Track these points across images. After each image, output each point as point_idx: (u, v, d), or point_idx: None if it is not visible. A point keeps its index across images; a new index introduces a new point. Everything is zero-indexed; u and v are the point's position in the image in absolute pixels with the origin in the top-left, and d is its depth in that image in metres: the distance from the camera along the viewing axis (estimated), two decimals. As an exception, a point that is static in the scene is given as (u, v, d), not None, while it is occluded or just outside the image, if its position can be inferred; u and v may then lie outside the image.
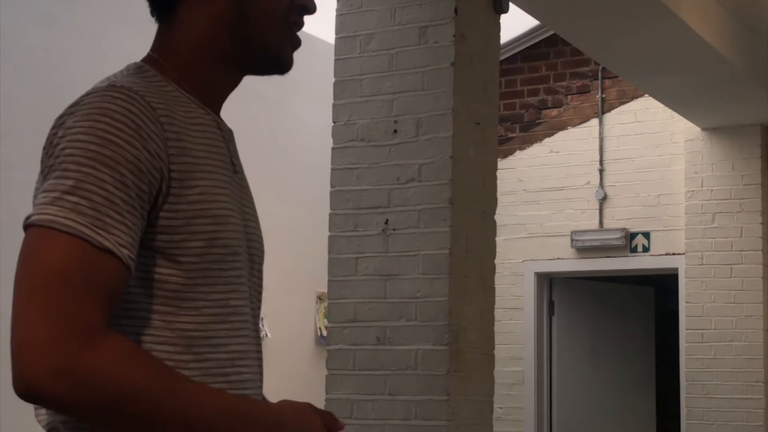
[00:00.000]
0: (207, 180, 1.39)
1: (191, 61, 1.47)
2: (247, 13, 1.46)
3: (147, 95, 1.35)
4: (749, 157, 6.80)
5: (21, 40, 5.05)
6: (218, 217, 1.39)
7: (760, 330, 6.66)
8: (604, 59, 6.02)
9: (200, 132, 1.42)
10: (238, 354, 1.42)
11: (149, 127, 1.33)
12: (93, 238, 1.25)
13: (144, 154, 1.31)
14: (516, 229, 7.32)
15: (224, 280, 1.40)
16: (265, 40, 1.48)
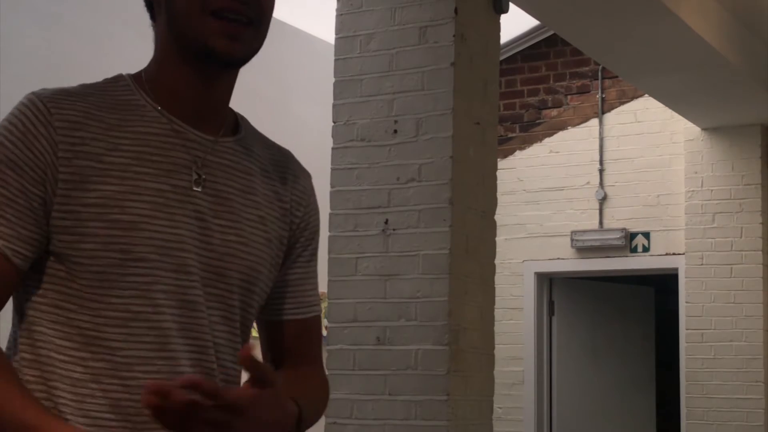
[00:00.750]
0: (116, 186, 1.43)
1: (155, 73, 1.54)
2: (172, 14, 1.50)
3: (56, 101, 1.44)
4: (749, 157, 6.80)
5: (21, 40, 5.05)
6: (119, 222, 1.42)
7: (760, 330, 6.66)
8: (604, 59, 6.02)
9: (134, 139, 1.46)
10: (136, 360, 1.43)
11: (38, 130, 1.42)
12: None
13: (26, 153, 1.40)
14: (516, 229, 7.32)
15: (124, 284, 1.43)
16: (189, 33, 1.49)
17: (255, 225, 1.55)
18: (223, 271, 1.51)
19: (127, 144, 1.45)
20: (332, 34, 4.15)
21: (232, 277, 1.51)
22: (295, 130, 6.72)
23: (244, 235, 1.53)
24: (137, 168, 1.45)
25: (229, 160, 1.54)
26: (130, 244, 1.42)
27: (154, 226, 1.44)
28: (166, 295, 1.45)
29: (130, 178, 1.44)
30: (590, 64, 7.30)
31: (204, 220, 1.49)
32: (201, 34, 1.48)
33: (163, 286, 1.45)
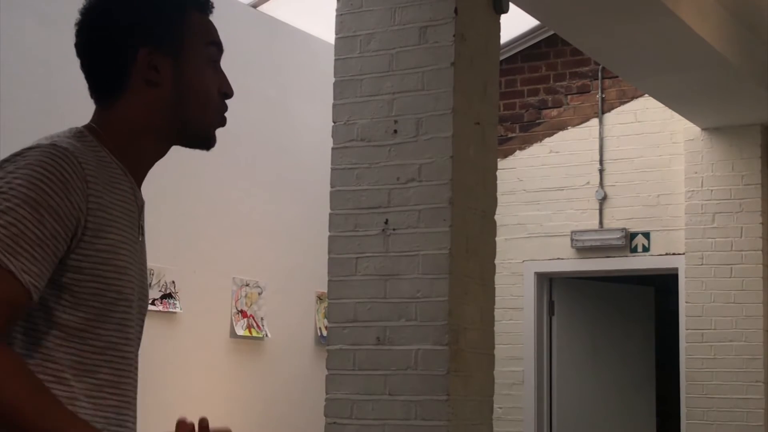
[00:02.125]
0: (116, 234, 1.64)
1: (127, 137, 1.72)
2: (187, 100, 1.74)
3: (81, 156, 1.61)
4: (749, 157, 6.81)
5: (21, 40, 5.05)
6: (119, 267, 1.64)
7: (760, 330, 6.66)
8: (604, 59, 6.02)
9: (119, 194, 1.67)
10: (110, 383, 1.66)
11: (76, 183, 1.58)
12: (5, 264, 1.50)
13: (66, 203, 1.56)
14: (516, 229, 7.33)
15: (111, 319, 1.65)
16: (202, 122, 1.76)
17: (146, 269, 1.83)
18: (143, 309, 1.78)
19: (118, 199, 1.67)
20: (332, 34, 4.15)
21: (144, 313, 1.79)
22: (295, 130, 6.72)
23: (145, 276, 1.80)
24: (122, 220, 1.67)
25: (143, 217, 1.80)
26: (122, 286, 1.65)
27: (133, 271, 1.68)
28: (131, 329, 1.70)
29: (121, 228, 1.66)
30: (590, 64, 7.30)
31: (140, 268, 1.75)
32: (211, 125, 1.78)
33: (132, 322, 1.70)
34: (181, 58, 1.73)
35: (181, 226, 5.76)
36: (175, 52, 1.73)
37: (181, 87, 1.73)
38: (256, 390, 6.13)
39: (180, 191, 5.77)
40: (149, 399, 5.51)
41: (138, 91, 1.72)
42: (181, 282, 5.72)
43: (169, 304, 5.66)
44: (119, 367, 1.67)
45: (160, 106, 1.72)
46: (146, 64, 1.71)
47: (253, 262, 6.25)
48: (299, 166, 6.60)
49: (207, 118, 1.76)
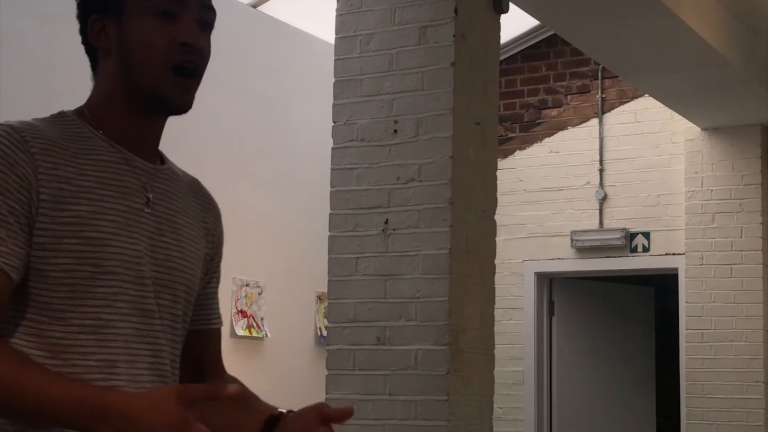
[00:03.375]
0: (86, 206, 1.57)
1: (103, 109, 1.67)
2: (130, 64, 1.64)
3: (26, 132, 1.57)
4: (749, 157, 6.80)
5: (21, 40, 5.05)
6: (90, 239, 1.56)
7: (760, 330, 6.66)
8: (604, 59, 6.02)
9: (95, 165, 1.61)
10: (106, 363, 1.58)
11: (19, 156, 1.54)
12: None
13: (12, 177, 1.52)
14: (516, 229, 7.32)
15: (94, 295, 1.57)
16: (148, 86, 1.63)
17: (192, 242, 1.73)
18: (170, 284, 1.67)
19: (90, 169, 1.60)
20: (332, 34, 4.15)
21: (177, 289, 1.69)
22: (295, 130, 6.72)
23: (184, 251, 1.70)
24: (101, 191, 1.60)
25: (168, 185, 1.72)
26: (100, 258, 1.57)
27: (118, 243, 1.59)
28: (128, 304, 1.60)
29: (96, 199, 1.59)
30: (590, 64, 7.30)
31: (152, 238, 1.65)
32: (161, 89, 1.63)
33: (126, 297, 1.60)
34: (123, 20, 1.63)
35: (181, 226, 5.76)
36: (118, 14, 1.63)
37: (124, 49, 1.63)
38: (256, 390, 6.09)
39: (180, 191, 5.76)
40: (149, 399, 5.51)
41: (102, 62, 1.67)
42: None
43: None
44: (115, 346, 1.59)
45: (114, 75, 1.65)
46: (95, 33, 1.66)
47: (253, 262, 6.25)
48: (299, 166, 6.60)
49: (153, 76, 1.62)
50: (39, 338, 1.55)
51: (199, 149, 5.87)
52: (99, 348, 1.57)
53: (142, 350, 1.62)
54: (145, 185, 1.66)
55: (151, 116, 1.68)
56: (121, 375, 1.59)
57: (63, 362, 1.55)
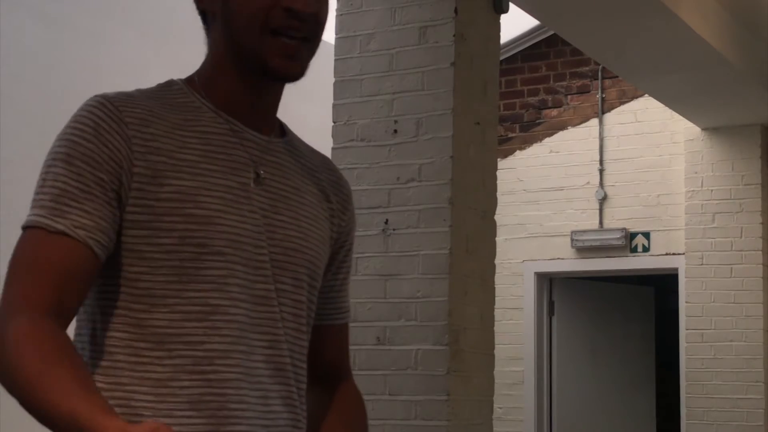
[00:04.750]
0: (189, 181, 1.44)
1: (210, 77, 1.56)
2: (232, 29, 1.52)
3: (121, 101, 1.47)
4: (749, 157, 6.80)
5: (21, 40, 5.05)
6: (194, 216, 1.43)
7: (760, 330, 6.66)
8: (604, 59, 6.02)
9: (199, 138, 1.49)
10: (217, 353, 1.43)
11: (110, 126, 1.43)
12: (48, 225, 1.38)
13: (101, 147, 1.42)
14: (516, 229, 7.32)
15: (201, 278, 1.43)
16: (249, 50, 1.51)
17: (311, 222, 1.58)
18: (290, 266, 1.53)
19: (194, 142, 1.48)
20: (332, 34, 4.15)
21: (299, 272, 1.54)
22: (295, 130, 6.71)
23: (303, 231, 1.55)
24: (205, 165, 1.47)
25: (282, 160, 1.57)
26: (206, 237, 1.43)
27: (226, 221, 1.45)
28: (240, 288, 1.46)
29: (200, 174, 1.46)
30: (590, 64, 7.30)
31: (266, 216, 1.51)
32: (260, 52, 1.50)
33: (237, 280, 1.46)
34: None
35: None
36: None
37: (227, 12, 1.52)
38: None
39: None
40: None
41: (211, 26, 1.56)
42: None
43: (169, 304, 5.65)
44: (226, 334, 1.43)
45: (219, 41, 1.54)
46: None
47: (253, 262, 6.25)
48: (299, 166, 6.60)
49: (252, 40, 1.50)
50: (138, 328, 1.41)
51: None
52: (207, 337, 1.42)
53: (256, 340, 1.47)
54: (254, 159, 1.53)
55: (260, 83, 1.54)
56: (235, 368, 1.44)
57: (168, 353, 1.41)
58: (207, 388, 1.42)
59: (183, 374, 1.41)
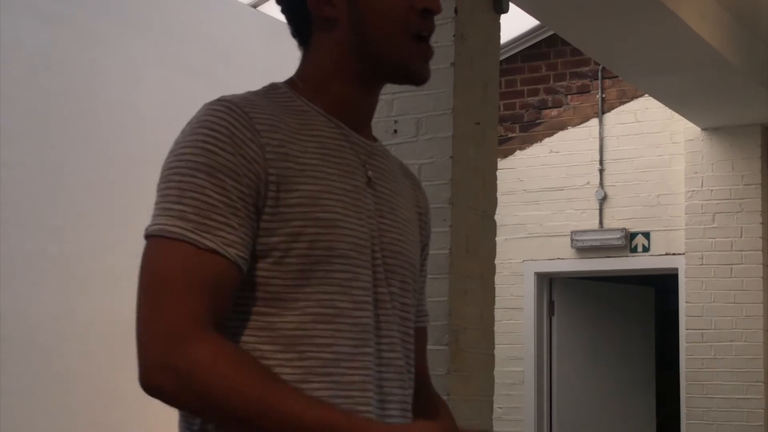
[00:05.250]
0: (313, 185, 1.44)
1: (322, 81, 1.54)
2: (365, 34, 1.51)
3: (247, 107, 1.44)
4: (749, 157, 6.80)
5: (21, 40, 5.05)
6: (322, 220, 1.43)
7: (760, 330, 6.66)
8: (604, 59, 6.02)
9: (316, 142, 1.48)
10: (344, 356, 1.44)
11: (244, 134, 1.40)
12: (197, 240, 1.35)
13: (239, 159, 1.39)
14: (516, 229, 7.32)
15: (329, 281, 1.43)
16: (389, 56, 1.52)
17: (408, 225, 1.60)
18: (398, 269, 1.54)
19: (313, 146, 1.47)
20: (332, 34, 4.15)
21: (405, 275, 1.56)
22: (295, 130, 6.72)
23: (404, 234, 1.58)
24: (325, 169, 1.47)
25: (382, 163, 1.59)
26: (333, 241, 1.43)
27: (348, 224, 1.46)
28: (363, 291, 1.47)
29: (322, 178, 1.45)
30: (590, 64, 7.30)
31: (376, 219, 1.52)
32: (402, 57, 1.52)
33: (360, 283, 1.47)
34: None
35: (181, 226, 5.76)
36: None
37: (358, 19, 1.50)
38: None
39: (180, 191, 5.76)
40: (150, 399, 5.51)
41: (320, 31, 1.53)
42: (181, 282, 5.72)
43: (169, 304, 5.65)
44: (354, 336, 1.44)
45: (342, 46, 1.52)
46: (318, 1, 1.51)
47: (253, 262, 6.24)
48: (299, 166, 6.59)
49: (394, 46, 1.51)
50: (269, 331, 1.41)
51: (199, 149, 5.87)
52: (335, 339, 1.43)
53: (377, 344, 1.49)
54: (364, 163, 1.54)
55: (375, 86, 1.58)
56: (361, 370, 1.45)
57: (298, 355, 1.41)
58: (335, 390, 1.42)
59: (313, 376, 1.41)
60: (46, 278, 5.04)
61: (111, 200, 5.40)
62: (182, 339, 1.31)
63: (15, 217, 4.86)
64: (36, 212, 4.99)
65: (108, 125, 5.43)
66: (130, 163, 5.51)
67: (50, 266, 5.06)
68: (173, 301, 1.33)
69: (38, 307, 5.01)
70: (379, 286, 1.50)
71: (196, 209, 1.36)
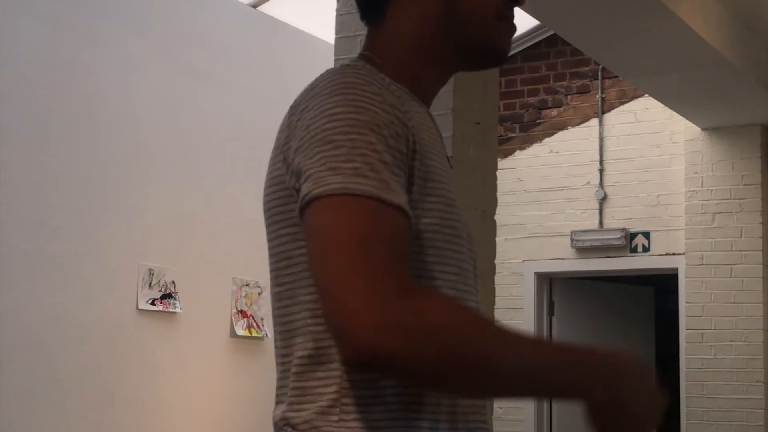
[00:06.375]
0: (436, 162, 1.38)
1: (404, 58, 1.47)
2: (458, 11, 1.47)
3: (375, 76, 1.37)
4: (749, 157, 6.81)
5: (21, 40, 5.05)
6: (447, 198, 1.38)
7: (760, 330, 6.66)
8: (604, 59, 6.02)
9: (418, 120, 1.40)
10: None
11: (388, 98, 1.32)
12: (383, 197, 1.24)
13: (394, 120, 1.30)
14: (516, 229, 7.33)
15: (454, 261, 1.37)
16: (478, 37, 1.48)
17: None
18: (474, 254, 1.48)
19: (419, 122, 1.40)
20: (332, 34, 4.15)
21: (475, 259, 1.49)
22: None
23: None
24: (433, 147, 1.40)
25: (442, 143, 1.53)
26: (454, 220, 1.39)
27: (459, 204, 1.42)
28: (471, 273, 1.43)
29: (434, 155, 1.39)
30: (590, 64, 7.30)
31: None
32: (493, 38, 1.48)
33: (468, 265, 1.42)
34: None
35: (181, 226, 5.76)
36: None
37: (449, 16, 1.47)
38: (256, 390, 6.13)
39: (180, 191, 5.77)
40: (149, 399, 5.51)
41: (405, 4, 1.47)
42: (181, 282, 5.72)
43: (169, 304, 5.66)
44: None
45: (428, 20, 1.47)
46: None
47: (253, 262, 6.24)
48: (299, 166, 6.59)
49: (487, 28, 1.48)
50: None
51: (199, 149, 5.87)
52: None
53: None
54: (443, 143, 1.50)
55: (454, 69, 1.53)
56: None
57: None
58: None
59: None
60: (46, 278, 5.04)
61: (111, 200, 5.40)
62: (402, 295, 1.18)
63: (15, 217, 4.86)
64: (36, 212, 4.99)
65: (108, 125, 5.43)
66: (130, 163, 5.51)
67: (50, 266, 5.06)
68: (379, 258, 1.20)
69: (38, 307, 5.01)
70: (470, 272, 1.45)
71: (372, 166, 1.25)
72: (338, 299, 1.19)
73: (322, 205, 1.25)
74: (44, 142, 5.10)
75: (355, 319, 1.17)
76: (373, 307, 1.17)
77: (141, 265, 5.52)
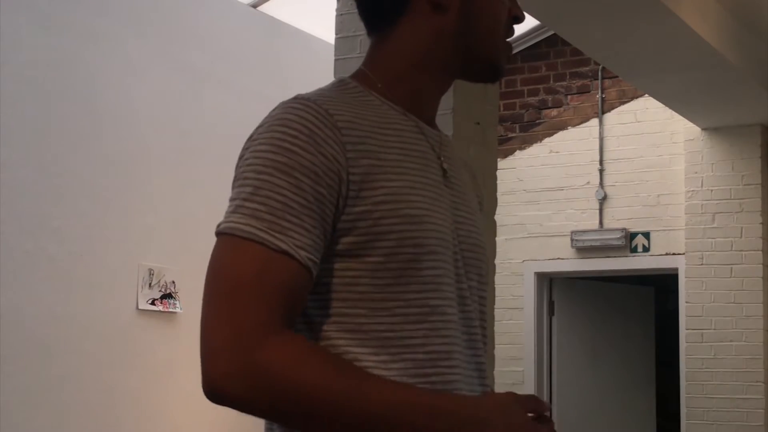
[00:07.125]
0: (397, 181, 1.40)
1: (402, 72, 1.51)
2: (474, 28, 1.52)
3: (327, 103, 1.40)
4: (749, 157, 6.81)
5: (21, 40, 5.05)
6: (410, 216, 1.39)
7: (760, 330, 6.66)
8: (604, 59, 6.02)
9: (395, 136, 1.44)
10: (438, 354, 1.40)
11: (325, 133, 1.36)
12: (269, 241, 1.30)
13: (319, 158, 1.34)
14: (516, 229, 7.32)
15: (420, 279, 1.39)
16: (487, 52, 1.54)
17: (477, 216, 1.58)
18: (476, 263, 1.51)
19: (393, 140, 1.44)
20: (332, 34, 4.15)
21: (482, 268, 1.53)
22: (295, 130, 6.71)
23: (476, 226, 1.55)
24: (406, 164, 1.43)
25: (451, 154, 1.57)
26: (421, 237, 1.39)
27: (434, 219, 1.42)
28: (450, 287, 1.44)
29: (404, 173, 1.42)
30: (590, 64, 7.30)
31: (452, 212, 1.49)
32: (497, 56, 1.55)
33: (448, 279, 1.43)
34: None
35: (181, 226, 5.76)
36: None
37: (470, 11, 1.50)
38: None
39: (180, 191, 5.77)
40: (149, 399, 5.51)
41: (419, 16, 1.50)
42: (181, 282, 5.72)
43: (169, 304, 5.66)
44: (445, 335, 1.40)
45: (441, 34, 1.50)
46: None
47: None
48: (299, 166, 6.59)
49: (494, 47, 1.53)
50: (360, 333, 1.36)
51: (198, 149, 5.87)
52: (426, 339, 1.39)
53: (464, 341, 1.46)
54: (438, 155, 1.51)
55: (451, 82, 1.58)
56: (456, 368, 1.42)
57: (391, 357, 1.36)
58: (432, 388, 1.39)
59: (408, 377, 1.37)
60: (46, 278, 5.04)
61: (111, 200, 5.40)
62: (254, 346, 1.27)
63: (15, 217, 4.86)
64: (36, 212, 4.99)
65: (108, 125, 5.43)
66: (130, 163, 5.51)
67: (50, 266, 5.06)
68: (244, 305, 1.29)
69: (38, 307, 5.01)
70: (461, 281, 1.47)
71: (270, 209, 1.31)
72: (204, 339, 1.30)
73: (218, 242, 1.35)
74: (44, 142, 5.10)
75: (211, 361, 1.28)
76: (227, 353, 1.27)
77: (141, 265, 5.52)
